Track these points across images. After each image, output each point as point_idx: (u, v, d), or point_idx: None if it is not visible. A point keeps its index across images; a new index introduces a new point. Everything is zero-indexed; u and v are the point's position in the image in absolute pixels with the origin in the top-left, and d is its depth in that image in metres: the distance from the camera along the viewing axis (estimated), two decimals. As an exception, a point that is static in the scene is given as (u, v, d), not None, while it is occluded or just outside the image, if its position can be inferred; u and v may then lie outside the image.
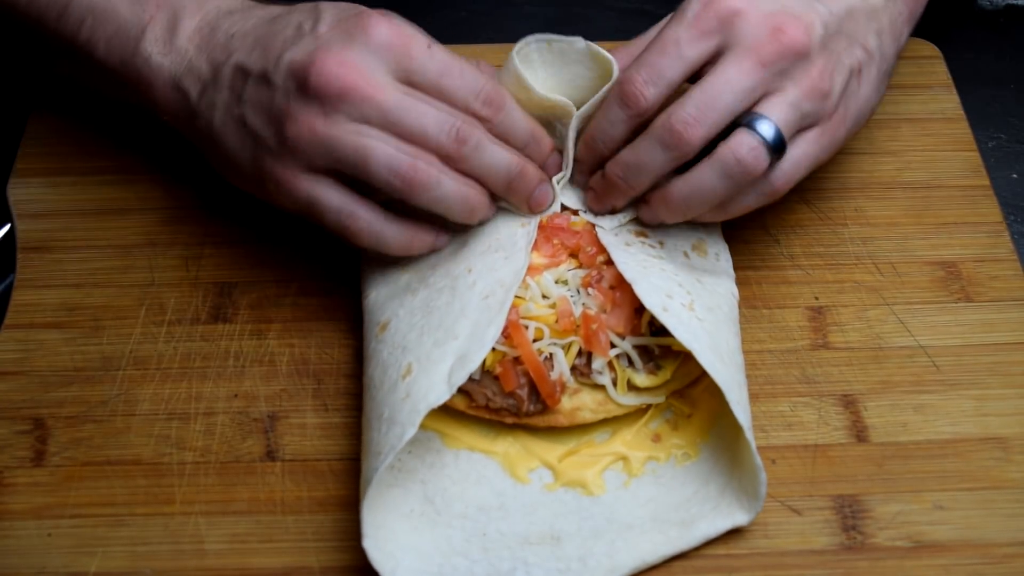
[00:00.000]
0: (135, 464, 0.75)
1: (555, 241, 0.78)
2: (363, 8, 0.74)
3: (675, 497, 0.73)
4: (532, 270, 0.77)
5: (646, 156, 0.74)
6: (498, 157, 0.74)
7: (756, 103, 0.73)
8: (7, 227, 0.88)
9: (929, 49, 0.99)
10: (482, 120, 0.74)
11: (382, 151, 0.71)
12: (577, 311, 0.75)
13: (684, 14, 0.74)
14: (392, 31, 0.72)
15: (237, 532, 0.72)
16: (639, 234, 0.79)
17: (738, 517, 0.71)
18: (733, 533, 0.71)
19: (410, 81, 0.72)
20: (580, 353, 0.75)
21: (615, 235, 0.78)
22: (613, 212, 0.80)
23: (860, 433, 0.77)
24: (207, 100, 0.77)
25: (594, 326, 0.74)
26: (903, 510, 0.73)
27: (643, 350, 0.75)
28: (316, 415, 0.78)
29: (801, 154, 0.75)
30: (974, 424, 0.77)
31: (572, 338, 0.75)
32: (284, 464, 0.75)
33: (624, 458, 0.75)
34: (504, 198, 0.78)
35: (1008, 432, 0.77)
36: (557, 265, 0.78)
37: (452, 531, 0.71)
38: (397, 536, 0.70)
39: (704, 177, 0.74)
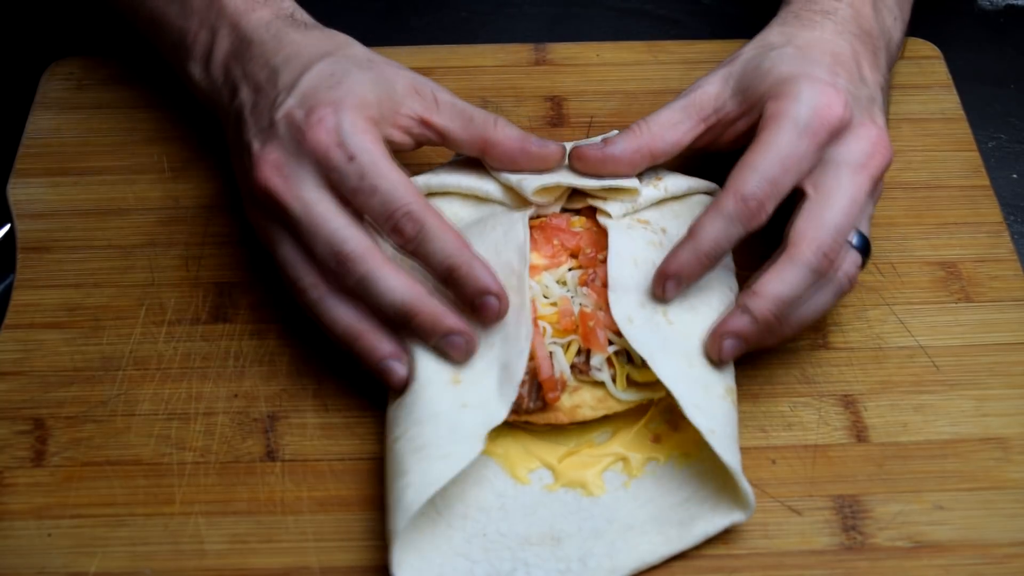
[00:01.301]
0: (135, 464, 0.75)
1: (555, 242, 0.78)
2: (325, 98, 0.73)
3: (675, 497, 0.73)
4: (533, 270, 0.77)
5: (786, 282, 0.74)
6: (389, 296, 0.71)
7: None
8: (7, 227, 0.88)
9: (929, 49, 0.99)
10: (399, 238, 0.72)
11: (284, 257, 0.75)
12: (575, 309, 0.75)
13: (797, 122, 0.73)
14: (319, 140, 0.72)
15: (237, 532, 0.72)
16: (643, 222, 0.79)
17: (736, 515, 0.71)
18: (733, 533, 0.71)
19: (336, 189, 0.72)
20: (579, 351, 0.75)
21: (617, 221, 0.79)
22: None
23: (860, 433, 0.77)
24: (228, 138, 0.81)
25: (591, 323, 0.74)
26: (903, 510, 0.73)
27: (641, 346, 0.76)
28: (316, 415, 0.77)
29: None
30: (974, 424, 0.77)
31: (571, 336, 0.75)
32: (284, 464, 0.75)
33: (624, 459, 0.75)
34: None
35: (1008, 432, 0.77)
36: (558, 266, 0.78)
37: (452, 531, 0.71)
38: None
39: (824, 298, 0.75)
